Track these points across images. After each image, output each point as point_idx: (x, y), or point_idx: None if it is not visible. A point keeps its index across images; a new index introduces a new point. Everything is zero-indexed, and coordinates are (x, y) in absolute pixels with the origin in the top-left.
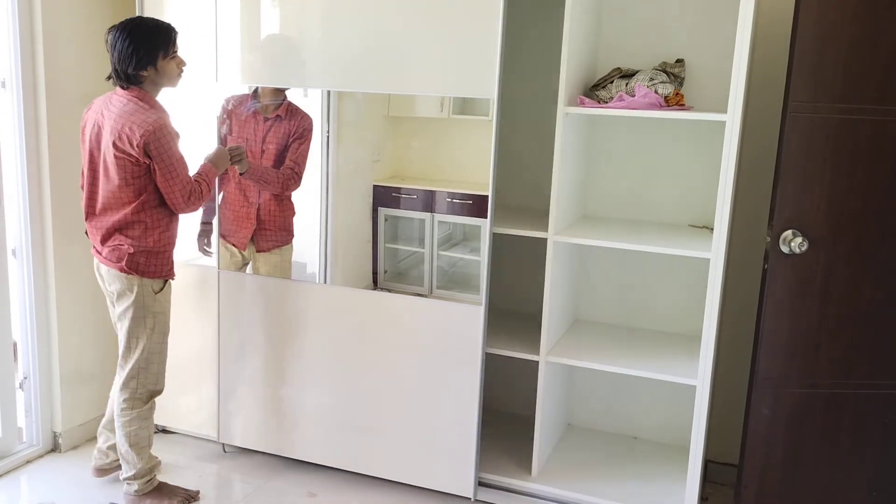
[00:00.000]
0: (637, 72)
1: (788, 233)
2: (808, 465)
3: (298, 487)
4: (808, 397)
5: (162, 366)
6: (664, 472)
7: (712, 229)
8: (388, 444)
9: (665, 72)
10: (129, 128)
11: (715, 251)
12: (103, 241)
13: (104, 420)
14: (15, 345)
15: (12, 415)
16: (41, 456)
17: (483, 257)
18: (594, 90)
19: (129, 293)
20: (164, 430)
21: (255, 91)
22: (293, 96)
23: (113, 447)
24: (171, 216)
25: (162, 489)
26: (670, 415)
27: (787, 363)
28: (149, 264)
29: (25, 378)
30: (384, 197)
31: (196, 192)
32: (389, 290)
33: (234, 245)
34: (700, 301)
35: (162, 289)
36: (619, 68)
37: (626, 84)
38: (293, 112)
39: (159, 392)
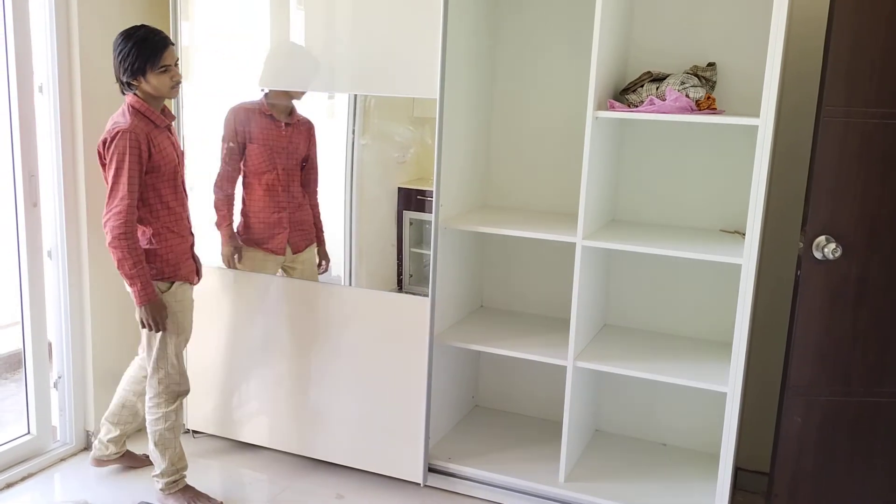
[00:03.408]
0: (668, 75)
1: (822, 238)
2: (840, 474)
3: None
4: (840, 405)
5: (179, 367)
6: (693, 480)
7: (744, 234)
8: (346, 430)
9: (696, 75)
10: (105, 131)
11: (747, 256)
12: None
13: (107, 412)
14: (50, 345)
15: (47, 414)
16: (74, 454)
17: (432, 252)
18: (624, 94)
19: None
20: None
21: (266, 96)
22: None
23: (114, 440)
24: (168, 219)
25: (186, 492)
26: (700, 421)
27: (819, 370)
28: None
29: (59, 377)
30: (410, 200)
31: (119, 228)
32: (414, 294)
33: (270, 251)
34: (730, 307)
35: (169, 289)
36: (649, 72)
37: (657, 88)
38: (301, 117)
39: (185, 393)
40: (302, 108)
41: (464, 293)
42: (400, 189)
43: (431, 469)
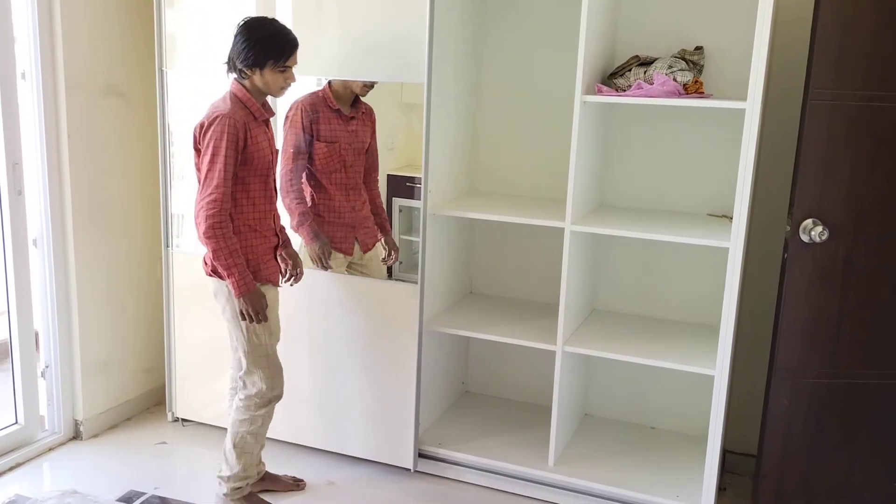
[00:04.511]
0: (655, 59)
1: (809, 221)
2: (827, 455)
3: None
4: (827, 387)
5: (272, 369)
6: (682, 462)
7: (731, 218)
8: (336, 417)
9: (684, 59)
10: (203, 116)
11: (734, 240)
12: (195, 222)
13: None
14: (36, 334)
15: (34, 403)
16: (63, 443)
17: (421, 238)
18: (612, 78)
19: (221, 293)
20: (184, 420)
21: (330, 87)
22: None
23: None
24: (251, 217)
25: (250, 499)
26: (688, 404)
27: (806, 353)
28: None
29: (47, 367)
30: (399, 187)
31: (214, 217)
32: (403, 281)
33: (340, 251)
34: (719, 291)
35: None
36: (637, 56)
37: (645, 72)
38: (364, 106)
39: (276, 397)
40: (288, 94)
41: (453, 280)
42: (388, 176)
43: (422, 455)
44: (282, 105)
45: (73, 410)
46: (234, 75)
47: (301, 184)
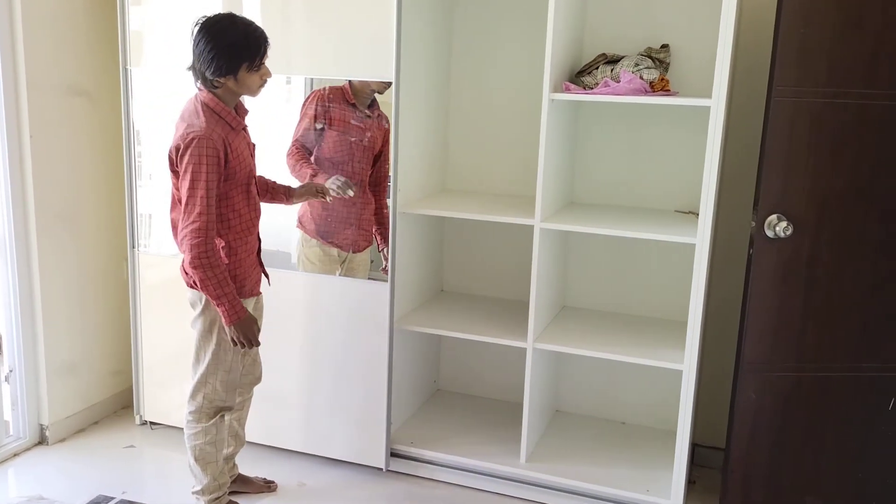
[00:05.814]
0: (622, 57)
1: (773, 217)
2: (794, 448)
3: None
4: (793, 380)
5: (229, 383)
6: (652, 457)
7: (698, 215)
8: (302, 416)
9: (650, 57)
10: (178, 132)
11: (700, 236)
12: (179, 248)
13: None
14: (0, 337)
15: None
16: (28, 449)
17: (391, 237)
18: (579, 76)
19: (198, 304)
20: (153, 423)
21: (350, 84)
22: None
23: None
24: (240, 228)
25: None
26: (658, 399)
27: (772, 347)
28: None
29: (11, 371)
30: None
31: (198, 247)
32: (374, 280)
33: (336, 246)
34: (687, 286)
35: None
36: (604, 54)
37: (612, 70)
38: (381, 111)
39: (228, 408)
40: (262, 92)
41: (424, 278)
42: None
43: (394, 454)
44: (299, 94)
45: (38, 415)
46: (200, 81)
47: (307, 156)
